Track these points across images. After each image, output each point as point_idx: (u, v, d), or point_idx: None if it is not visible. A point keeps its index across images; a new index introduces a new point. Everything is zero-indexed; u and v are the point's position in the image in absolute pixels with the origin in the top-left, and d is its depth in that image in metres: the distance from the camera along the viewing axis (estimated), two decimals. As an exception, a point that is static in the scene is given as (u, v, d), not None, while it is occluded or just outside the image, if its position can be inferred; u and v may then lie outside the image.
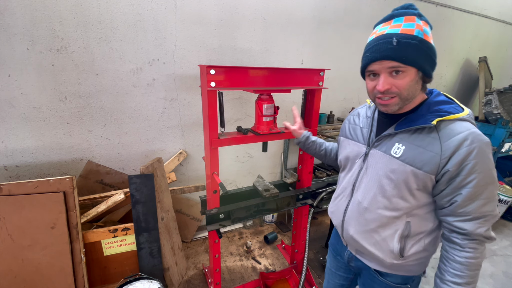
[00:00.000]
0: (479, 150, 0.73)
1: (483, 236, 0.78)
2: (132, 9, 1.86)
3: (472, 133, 0.75)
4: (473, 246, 0.79)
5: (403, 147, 0.84)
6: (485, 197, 0.76)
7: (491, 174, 0.76)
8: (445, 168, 0.77)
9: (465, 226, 0.78)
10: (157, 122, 2.20)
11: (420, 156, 0.80)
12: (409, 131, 0.84)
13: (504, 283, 2.26)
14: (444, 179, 0.78)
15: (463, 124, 0.77)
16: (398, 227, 0.89)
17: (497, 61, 4.14)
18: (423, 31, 0.76)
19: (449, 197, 0.79)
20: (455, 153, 0.75)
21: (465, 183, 0.76)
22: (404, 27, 0.76)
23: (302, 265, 1.94)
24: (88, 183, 2.03)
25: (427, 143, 0.79)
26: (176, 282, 2.06)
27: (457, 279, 0.80)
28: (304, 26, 2.47)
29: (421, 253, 0.92)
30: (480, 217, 0.77)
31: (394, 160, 0.85)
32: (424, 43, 0.75)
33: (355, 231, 1.00)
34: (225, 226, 1.61)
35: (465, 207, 0.77)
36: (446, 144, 0.76)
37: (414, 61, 0.75)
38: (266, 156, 2.81)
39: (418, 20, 0.77)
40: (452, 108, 0.81)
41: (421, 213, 0.88)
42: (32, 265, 1.58)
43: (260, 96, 1.51)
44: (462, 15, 3.43)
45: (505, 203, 3.04)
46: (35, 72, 1.75)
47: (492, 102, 3.33)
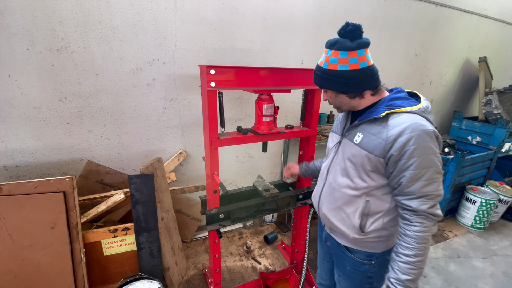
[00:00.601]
0: (418, 138, 0.86)
1: (427, 213, 0.90)
2: (132, 9, 1.86)
3: (414, 123, 0.87)
4: (419, 220, 0.91)
5: (361, 135, 1.00)
6: (426, 179, 0.88)
7: (430, 159, 0.88)
8: (390, 152, 0.91)
9: (411, 204, 0.91)
10: (157, 122, 2.20)
11: (372, 142, 0.96)
12: (368, 122, 1.00)
13: (504, 283, 2.26)
14: (391, 162, 0.92)
15: (409, 116, 0.90)
16: (359, 205, 1.05)
17: (497, 61, 4.14)
18: (328, 61, 0.95)
19: (396, 178, 0.93)
20: (397, 139, 0.88)
21: (407, 166, 0.89)
22: (322, 59, 0.99)
23: (302, 265, 1.94)
24: (88, 183, 2.03)
25: (378, 131, 0.94)
26: (176, 282, 2.06)
27: (407, 251, 0.92)
28: (304, 26, 2.47)
29: (381, 231, 1.06)
30: (423, 196, 0.89)
31: (355, 146, 1.02)
32: (326, 72, 0.97)
33: (326, 209, 1.17)
34: (225, 226, 1.61)
35: (409, 187, 0.90)
36: (390, 132, 0.90)
37: (321, 85, 1.02)
38: (266, 156, 2.81)
39: (329, 52, 0.95)
40: (404, 103, 0.95)
41: (378, 194, 1.02)
42: (32, 265, 1.58)
43: (260, 96, 1.51)
44: (462, 15, 3.43)
45: (505, 203, 3.04)
46: (35, 72, 1.75)
47: (492, 102, 3.33)
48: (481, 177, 3.27)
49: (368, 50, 0.94)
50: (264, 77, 1.41)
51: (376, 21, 2.82)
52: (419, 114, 0.92)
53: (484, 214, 2.90)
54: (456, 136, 3.66)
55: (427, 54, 3.39)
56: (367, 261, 1.13)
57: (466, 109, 4.29)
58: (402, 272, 0.93)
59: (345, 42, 0.91)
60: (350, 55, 0.91)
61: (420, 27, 3.15)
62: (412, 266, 0.92)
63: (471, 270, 2.39)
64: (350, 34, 0.91)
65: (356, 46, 0.90)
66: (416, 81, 3.45)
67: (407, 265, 0.92)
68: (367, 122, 1.00)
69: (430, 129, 0.88)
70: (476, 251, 2.65)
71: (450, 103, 4.03)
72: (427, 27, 3.20)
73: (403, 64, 3.24)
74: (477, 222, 2.96)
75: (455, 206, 3.18)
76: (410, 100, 0.97)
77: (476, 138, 3.41)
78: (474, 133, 3.43)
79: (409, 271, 0.92)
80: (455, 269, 2.39)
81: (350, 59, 0.91)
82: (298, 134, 1.69)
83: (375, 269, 1.14)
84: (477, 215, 2.93)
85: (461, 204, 3.10)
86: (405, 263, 0.93)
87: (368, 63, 0.94)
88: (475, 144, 3.43)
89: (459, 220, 3.14)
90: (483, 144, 3.33)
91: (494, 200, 2.85)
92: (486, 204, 2.85)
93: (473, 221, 2.99)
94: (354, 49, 0.91)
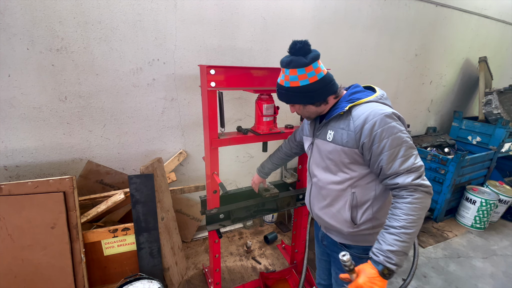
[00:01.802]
0: (381, 121, 0.93)
1: (414, 185, 0.91)
2: (132, 9, 1.86)
3: (373, 110, 0.95)
4: (408, 193, 0.92)
5: (333, 132, 1.06)
6: (402, 155, 0.93)
7: (399, 137, 0.93)
8: (361, 141, 0.97)
9: (397, 181, 0.94)
10: (157, 122, 2.20)
11: (343, 136, 1.02)
12: (334, 119, 1.07)
13: (504, 283, 2.26)
14: (365, 149, 0.97)
15: (368, 105, 0.98)
16: (346, 198, 1.08)
17: (497, 61, 4.14)
18: (289, 80, 1.02)
19: (376, 164, 0.97)
20: (363, 127, 0.95)
21: (381, 149, 0.93)
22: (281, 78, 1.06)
23: (302, 265, 1.93)
24: (88, 183, 2.03)
25: (346, 125, 1.01)
26: (176, 282, 2.06)
27: (394, 222, 0.92)
28: (304, 26, 2.47)
29: (373, 221, 1.09)
30: (404, 172, 0.92)
31: (329, 144, 1.07)
32: (290, 90, 1.04)
33: (317, 208, 1.20)
34: (225, 226, 1.61)
35: (390, 168, 0.94)
36: (356, 122, 0.97)
37: (288, 100, 1.09)
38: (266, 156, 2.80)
39: (286, 72, 1.02)
40: (363, 95, 1.03)
41: (362, 183, 1.06)
42: (32, 265, 1.58)
43: (260, 96, 1.51)
44: (462, 15, 3.43)
45: (505, 203, 3.04)
46: (35, 72, 1.75)
47: (492, 102, 3.33)
48: (481, 177, 3.27)
49: (320, 61, 1.02)
50: (264, 77, 1.41)
51: (376, 21, 2.82)
52: (376, 101, 1.00)
53: (484, 214, 2.90)
54: (456, 136, 3.66)
55: (427, 54, 3.39)
56: (364, 255, 1.14)
57: (466, 109, 4.29)
58: (386, 243, 0.91)
59: (299, 60, 0.98)
60: (307, 70, 0.98)
61: (420, 27, 3.15)
62: (397, 237, 0.89)
63: (471, 270, 2.39)
64: (300, 51, 0.98)
65: (310, 61, 0.98)
66: (416, 81, 3.45)
67: (392, 236, 0.90)
68: (334, 119, 1.07)
69: (389, 111, 0.95)
70: (476, 251, 2.65)
71: (450, 103, 4.03)
72: (427, 27, 3.20)
73: (403, 64, 3.24)
74: (477, 222, 2.96)
75: (455, 206, 3.18)
76: (366, 92, 1.06)
77: (476, 138, 3.41)
78: (474, 133, 3.43)
79: (393, 242, 0.89)
80: (455, 269, 2.39)
81: (308, 74, 0.99)
82: (298, 134, 1.68)
83: None
84: (477, 215, 2.93)
85: (461, 204, 3.10)
86: (390, 234, 0.91)
87: (324, 72, 1.02)
88: (475, 144, 3.43)
89: (459, 220, 3.14)
90: (483, 144, 3.33)
91: (494, 200, 2.85)
92: (486, 204, 2.85)
93: (473, 221, 2.99)
94: (308, 64, 0.98)
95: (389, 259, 0.89)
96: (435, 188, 3.04)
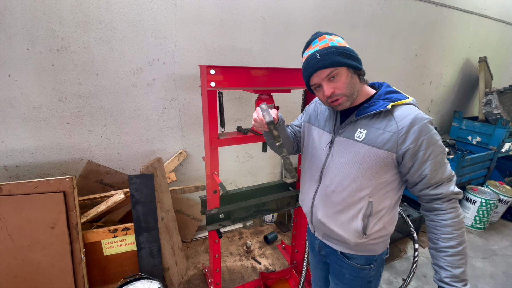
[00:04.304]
0: (426, 127, 0.87)
1: (455, 193, 0.89)
2: (132, 9, 1.86)
3: (419, 114, 0.88)
4: (452, 206, 0.89)
5: (365, 131, 0.94)
6: (444, 163, 0.90)
7: (440, 145, 0.89)
8: (405, 145, 0.87)
9: (440, 191, 0.89)
10: (157, 122, 2.20)
11: (380, 136, 0.90)
12: (368, 117, 0.94)
13: (504, 283, 2.26)
14: (408, 155, 0.88)
15: (411, 107, 0.90)
16: (362, 206, 0.98)
17: (497, 61, 4.14)
18: (335, 41, 0.91)
19: (419, 172, 0.89)
20: (410, 130, 0.86)
21: (427, 156, 0.87)
22: (321, 44, 0.92)
23: (302, 265, 1.94)
24: (88, 183, 2.03)
25: (385, 125, 0.90)
26: (176, 282, 2.06)
27: (451, 242, 0.88)
28: (304, 26, 2.47)
29: (382, 231, 1.02)
30: (447, 180, 0.90)
31: (358, 144, 0.95)
32: (339, 47, 0.90)
33: (322, 215, 1.08)
34: (225, 226, 1.61)
35: (435, 176, 0.89)
36: (400, 123, 0.87)
37: (339, 62, 0.88)
38: (266, 156, 2.81)
39: (328, 36, 0.93)
40: (400, 96, 0.94)
41: (382, 192, 0.97)
42: (32, 265, 1.58)
43: (260, 96, 1.51)
44: (462, 15, 3.43)
45: (505, 203, 3.04)
46: (35, 72, 1.75)
47: (492, 102, 3.33)
48: (481, 177, 3.27)
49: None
50: (264, 77, 1.41)
51: (376, 21, 2.82)
52: (415, 105, 0.94)
53: (484, 214, 2.90)
54: (456, 136, 3.66)
55: (427, 54, 3.39)
56: (367, 266, 1.08)
57: (466, 109, 4.29)
58: (453, 267, 0.87)
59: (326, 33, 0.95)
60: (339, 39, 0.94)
61: (420, 27, 3.15)
62: (461, 256, 0.87)
63: (471, 270, 2.39)
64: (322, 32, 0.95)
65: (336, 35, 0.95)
66: (416, 81, 3.45)
67: (456, 257, 0.87)
68: (367, 117, 0.94)
69: (431, 118, 0.90)
70: (476, 251, 2.65)
71: (450, 103, 4.03)
72: (427, 27, 3.20)
73: (403, 64, 3.24)
74: (477, 222, 2.97)
75: (455, 206, 3.18)
76: (401, 94, 0.97)
77: (476, 138, 3.41)
78: (474, 133, 3.43)
79: (460, 263, 0.87)
80: (455, 269, 2.39)
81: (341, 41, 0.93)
82: (298, 134, 1.68)
83: (374, 272, 1.10)
84: (477, 215, 2.93)
85: (461, 204, 3.10)
86: (453, 256, 0.87)
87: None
88: (475, 144, 3.43)
89: (459, 220, 3.14)
90: (483, 144, 3.33)
91: (494, 200, 2.85)
92: (486, 204, 2.85)
93: (473, 221, 2.99)
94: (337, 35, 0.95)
95: (464, 281, 0.88)
96: (435, 188, 3.04)
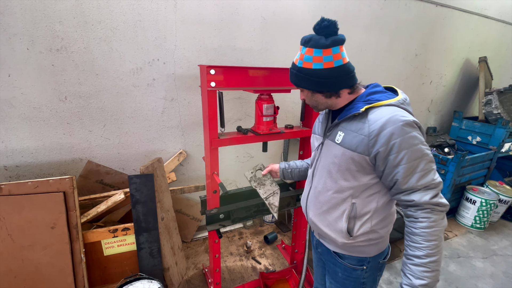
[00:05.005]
0: (401, 130, 0.82)
1: (431, 204, 0.84)
2: (132, 9, 1.86)
3: (394, 115, 0.84)
4: (425, 215, 0.84)
5: (343, 134, 0.96)
6: (421, 170, 0.84)
7: (419, 149, 0.84)
8: (375, 148, 0.86)
9: (412, 197, 0.86)
10: (157, 122, 2.20)
11: (354, 139, 0.91)
12: (347, 120, 0.96)
13: (504, 283, 2.26)
14: (379, 159, 0.87)
15: (388, 109, 0.87)
16: (345, 208, 1.00)
17: (497, 61, 4.14)
18: (303, 60, 0.91)
19: (390, 176, 0.88)
20: (380, 134, 0.84)
21: (398, 161, 0.84)
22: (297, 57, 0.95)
23: (302, 265, 1.94)
24: (88, 183, 2.03)
25: (359, 128, 0.90)
26: (176, 282, 2.06)
27: (417, 251, 0.85)
28: (304, 26, 2.47)
29: (370, 234, 1.00)
30: (422, 188, 0.84)
31: (337, 146, 0.97)
32: (302, 70, 0.93)
33: (313, 214, 1.12)
34: (225, 226, 1.61)
35: (406, 182, 0.85)
36: (372, 126, 0.86)
37: (297, 84, 0.97)
38: (266, 156, 2.81)
39: (304, 48, 0.91)
40: (383, 97, 0.91)
41: (365, 194, 0.97)
42: (32, 265, 1.58)
43: (260, 96, 1.51)
44: (462, 15, 3.43)
45: (505, 203, 3.04)
46: (35, 72, 1.75)
47: (492, 102, 3.33)
48: (481, 177, 3.27)
49: (343, 48, 0.89)
50: (264, 77, 1.41)
51: (376, 21, 2.82)
52: (398, 106, 0.88)
53: (484, 214, 2.90)
54: (456, 136, 3.66)
55: (427, 54, 3.39)
56: (358, 267, 1.08)
57: (466, 109, 4.29)
58: (415, 277, 0.85)
59: (319, 39, 0.87)
60: (325, 52, 0.87)
61: (420, 27, 3.15)
62: (426, 268, 0.84)
63: (471, 270, 2.39)
64: (324, 30, 0.86)
65: (331, 44, 0.86)
66: (416, 81, 3.45)
67: (420, 268, 0.84)
68: (346, 120, 0.96)
69: (411, 119, 0.84)
70: (476, 251, 2.65)
71: (450, 103, 4.03)
72: (427, 27, 3.20)
73: (403, 64, 3.24)
74: (477, 222, 2.97)
75: (455, 206, 3.18)
76: (387, 94, 0.94)
77: (476, 138, 3.41)
78: (474, 133, 3.43)
79: (423, 275, 0.84)
80: (455, 269, 2.39)
81: (325, 57, 0.87)
82: (298, 134, 1.69)
83: (368, 274, 1.10)
84: (477, 215, 2.93)
85: (461, 204, 3.10)
86: (417, 266, 0.85)
87: (343, 61, 0.90)
88: (475, 144, 3.43)
89: (459, 220, 3.14)
90: (483, 144, 3.33)
91: (494, 200, 2.85)
92: (486, 204, 2.85)
93: (473, 221, 2.99)
94: (328, 47, 0.86)
95: None
96: (435, 188, 3.04)
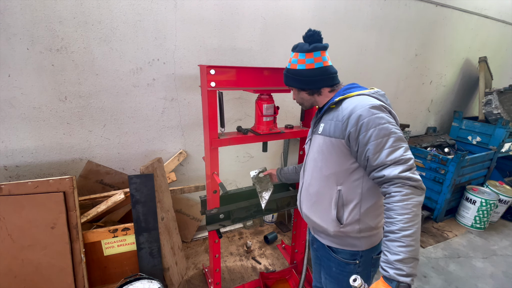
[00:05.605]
0: (367, 111, 0.92)
1: (400, 178, 0.86)
2: (132, 9, 1.86)
3: (362, 101, 0.95)
4: (396, 189, 0.87)
5: (323, 125, 1.08)
6: (390, 146, 0.90)
7: (386, 127, 0.91)
8: (347, 130, 0.96)
9: (383, 173, 0.90)
10: (157, 122, 2.20)
11: (331, 127, 1.03)
12: (326, 112, 1.10)
13: (504, 283, 2.26)
14: (351, 139, 0.96)
15: (359, 97, 0.99)
16: (332, 195, 1.07)
17: (497, 61, 4.14)
18: (291, 62, 1.11)
19: (363, 154, 0.95)
20: (350, 117, 0.95)
21: (367, 139, 0.92)
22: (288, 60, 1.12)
23: (302, 265, 1.94)
24: (88, 183, 2.03)
25: (335, 116, 1.03)
26: (176, 282, 2.06)
27: (391, 226, 0.86)
28: (304, 26, 2.47)
29: (360, 223, 1.06)
30: (391, 163, 0.89)
31: (319, 136, 1.09)
32: (290, 71, 1.12)
33: (305, 207, 1.19)
34: (225, 226, 1.61)
35: (376, 159, 0.91)
36: (343, 112, 0.98)
37: (287, 83, 1.17)
38: (266, 156, 2.81)
39: (292, 53, 1.11)
40: (355, 90, 1.04)
41: (349, 181, 1.04)
42: (32, 265, 1.58)
43: (260, 96, 1.51)
44: (462, 15, 3.43)
45: (505, 203, 3.04)
46: (35, 72, 1.75)
47: (492, 102, 3.33)
48: (481, 177, 3.27)
49: (325, 53, 1.07)
50: (264, 77, 1.41)
51: (376, 21, 2.82)
52: (368, 95, 1.00)
53: (484, 214, 2.90)
54: (456, 136, 3.66)
55: (427, 54, 3.39)
56: (351, 261, 1.12)
57: (466, 109, 4.29)
58: (391, 253, 0.84)
59: (303, 45, 1.06)
60: (307, 56, 1.05)
61: (420, 27, 3.15)
62: (400, 243, 0.83)
63: (471, 270, 2.39)
64: (310, 38, 1.06)
65: (312, 49, 1.04)
66: (416, 81, 3.45)
67: (394, 243, 0.84)
68: (326, 113, 1.10)
69: (377, 103, 0.94)
70: (476, 251, 2.65)
71: (450, 103, 4.03)
72: (427, 27, 3.20)
73: (403, 64, 3.24)
74: (477, 222, 2.97)
75: (455, 206, 3.18)
76: (362, 88, 1.06)
77: (476, 138, 3.41)
78: (474, 133, 3.43)
79: (398, 250, 0.82)
80: (455, 269, 2.39)
81: (307, 60, 1.06)
82: (298, 134, 1.69)
83: (361, 268, 1.13)
84: (477, 215, 2.93)
85: (461, 204, 3.10)
86: (392, 241, 0.85)
87: (324, 63, 1.07)
88: (475, 144, 3.43)
89: (459, 220, 3.14)
90: (483, 144, 3.33)
91: (494, 200, 2.85)
92: (486, 204, 2.85)
93: (473, 221, 2.99)
94: (310, 51, 1.05)
95: (400, 270, 0.82)
96: (435, 188, 3.05)
